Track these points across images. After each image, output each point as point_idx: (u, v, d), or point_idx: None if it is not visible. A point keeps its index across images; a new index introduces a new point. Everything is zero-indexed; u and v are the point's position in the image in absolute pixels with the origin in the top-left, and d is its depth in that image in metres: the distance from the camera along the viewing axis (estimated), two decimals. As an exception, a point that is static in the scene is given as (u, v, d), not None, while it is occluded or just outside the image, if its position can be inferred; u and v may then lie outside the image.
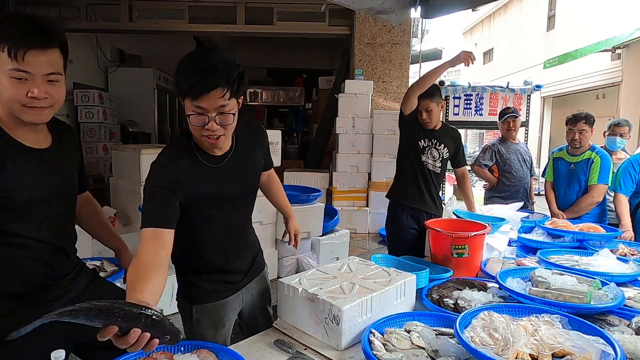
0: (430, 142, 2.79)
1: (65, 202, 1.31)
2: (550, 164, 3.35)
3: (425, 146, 2.79)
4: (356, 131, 5.30)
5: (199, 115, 1.23)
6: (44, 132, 1.29)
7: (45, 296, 1.27)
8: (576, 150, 3.13)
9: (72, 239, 1.38)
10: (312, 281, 1.46)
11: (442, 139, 2.81)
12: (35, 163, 1.22)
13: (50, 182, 1.25)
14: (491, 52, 18.02)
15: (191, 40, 8.68)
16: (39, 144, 1.24)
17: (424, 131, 2.79)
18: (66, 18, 5.92)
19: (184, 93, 1.21)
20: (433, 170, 2.81)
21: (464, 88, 6.10)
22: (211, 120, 1.23)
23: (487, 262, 1.95)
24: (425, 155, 2.79)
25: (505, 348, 1.05)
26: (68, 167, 1.34)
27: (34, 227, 1.21)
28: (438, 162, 2.81)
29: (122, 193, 3.66)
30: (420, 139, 2.79)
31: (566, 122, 3.17)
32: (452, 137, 2.87)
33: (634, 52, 9.05)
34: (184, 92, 1.21)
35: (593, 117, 3.08)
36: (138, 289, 1.05)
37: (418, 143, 2.78)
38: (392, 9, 3.13)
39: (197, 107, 1.21)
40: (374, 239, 5.13)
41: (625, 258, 1.95)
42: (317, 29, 6.12)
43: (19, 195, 1.16)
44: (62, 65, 1.19)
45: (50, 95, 1.16)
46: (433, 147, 2.79)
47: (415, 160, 2.80)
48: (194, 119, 1.23)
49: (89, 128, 6.37)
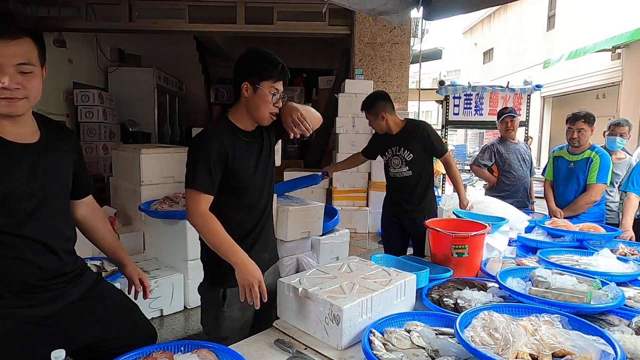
0: (390, 151, 2.82)
1: (53, 200, 1.26)
2: (551, 162, 3.35)
3: (389, 158, 2.84)
4: (356, 131, 5.30)
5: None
6: (30, 128, 1.25)
7: (34, 298, 1.22)
8: (576, 149, 3.12)
9: (66, 238, 1.33)
10: (312, 281, 1.46)
11: (401, 142, 2.77)
12: (18, 157, 1.19)
13: (34, 178, 1.21)
14: (491, 52, 18.01)
15: (191, 40, 8.68)
16: (22, 139, 1.21)
17: (382, 146, 2.88)
18: (66, 18, 5.92)
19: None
20: (402, 177, 2.81)
21: (464, 88, 6.10)
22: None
23: (487, 262, 1.95)
24: (391, 167, 2.83)
25: (505, 348, 1.05)
26: (59, 165, 1.30)
27: (14, 222, 1.17)
28: (404, 167, 2.78)
29: (122, 193, 3.66)
30: (383, 155, 2.89)
31: (566, 121, 3.17)
32: (415, 135, 2.75)
33: (634, 52, 9.05)
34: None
35: (593, 116, 3.08)
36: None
37: (384, 159, 2.90)
38: (393, 10, 3.12)
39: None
40: (374, 238, 5.12)
41: (625, 258, 1.95)
42: (317, 29, 6.11)
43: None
44: (36, 56, 1.17)
45: (23, 86, 1.14)
46: (394, 155, 2.80)
47: (387, 174, 2.93)
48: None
49: (88, 128, 6.37)
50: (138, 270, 1.62)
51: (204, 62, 9.50)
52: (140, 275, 1.60)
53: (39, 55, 1.19)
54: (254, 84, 1.55)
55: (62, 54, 6.08)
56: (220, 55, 9.52)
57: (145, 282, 1.61)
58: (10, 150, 1.18)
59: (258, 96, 1.55)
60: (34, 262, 1.22)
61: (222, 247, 1.49)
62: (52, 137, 1.30)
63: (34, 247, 1.22)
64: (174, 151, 3.47)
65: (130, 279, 1.59)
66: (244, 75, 1.57)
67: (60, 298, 1.28)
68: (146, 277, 1.63)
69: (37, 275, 1.23)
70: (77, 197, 1.47)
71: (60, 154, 1.31)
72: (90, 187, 1.54)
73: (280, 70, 1.57)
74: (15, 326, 1.19)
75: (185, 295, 3.04)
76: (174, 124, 8.78)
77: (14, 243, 1.18)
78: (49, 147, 1.27)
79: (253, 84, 1.55)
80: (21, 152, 1.20)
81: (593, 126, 3.07)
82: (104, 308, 1.40)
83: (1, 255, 1.17)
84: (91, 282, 1.41)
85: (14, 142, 1.19)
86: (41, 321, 1.23)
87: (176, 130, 8.82)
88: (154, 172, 3.28)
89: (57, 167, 1.30)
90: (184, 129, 8.91)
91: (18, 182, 1.18)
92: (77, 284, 1.35)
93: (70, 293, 1.31)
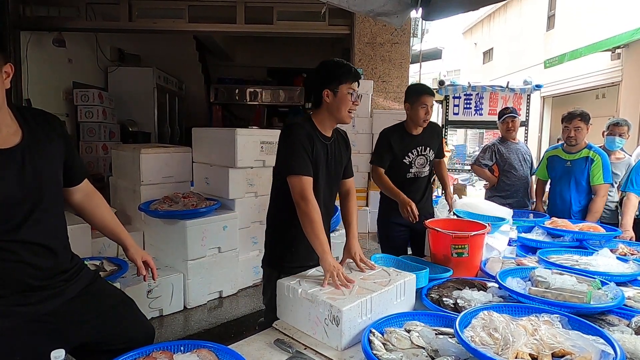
0: (415, 151, 2.72)
1: (46, 200, 1.24)
2: (544, 162, 3.35)
3: (413, 158, 2.72)
4: (356, 131, 5.29)
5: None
6: (11, 128, 1.21)
7: (33, 296, 1.22)
8: (572, 148, 3.13)
9: (61, 236, 1.33)
10: (312, 281, 1.46)
11: (426, 142, 2.73)
12: (3, 165, 1.15)
13: (24, 182, 1.18)
14: (491, 52, 18.00)
15: (191, 39, 8.67)
16: (4, 143, 1.17)
17: (403, 147, 2.70)
18: (66, 18, 5.91)
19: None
20: (422, 177, 2.79)
21: (463, 88, 6.10)
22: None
23: (487, 262, 1.95)
24: (414, 167, 2.73)
25: (505, 348, 1.05)
26: (47, 163, 1.26)
27: (10, 228, 1.16)
28: (427, 167, 2.78)
29: (122, 193, 3.66)
30: (405, 156, 2.71)
31: (562, 120, 3.19)
32: (434, 135, 2.80)
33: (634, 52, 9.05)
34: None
35: (588, 114, 3.09)
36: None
37: (405, 160, 2.72)
38: (392, 11, 3.12)
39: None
40: (374, 238, 5.12)
41: (625, 258, 1.96)
42: (317, 29, 6.11)
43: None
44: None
45: None
46: (419, 155, 2.73)
47: (402, 175, 2.74)
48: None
49: (88, 127, 6.36)
50: (141, 252, 1.57)
51: (204, 62, 9.49)
52: (144, 257, 1.55)
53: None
54: (333, 89, 1.77)
55: (62, 54, 6.08)
56: (220, 55, 9.51)
57: (150, 263, 1.56)
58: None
59: (339, 98, 1.78)
60: (32, 263, 1.22)
61: (314, 237, 1.63)
62: (34, 133, 1.25)
63: (32, 249, 1.21)
64: (174, 151, 3.47)
65: (133, 262, 1.54)
66: (323, 83, 1.79)
67: (59, 295, 1.28)
68: (151, 259, 1.57)
69: (36, 276, 1.23)
70: (71, 185, 1.43)
71: (46, 149, 1.27)
72: (84, 172, 1.49)
73: (354, 73, 1.80)
74: (15, 323, 1.19)
75: (185, 295, 3.04)
76: (174, 124, 8.77)
77: (11, 247, 1.18)
78: (34, 146, 1.23)
79: (333, 89, 1.77)
80: (5, 158, 1.16)
81: (589, 124, 3.08)
82: (102, 305, 1.40)
83: (0, 259, 1.17)
84: (89, 279, 1.40)
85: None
86: (41, 318, 1.24)
87: (176, 130, 8.81)
88: (154, 172, 3.28)
89: (46, 166, 1.26)
90: (183, 128, 8.90)
91: (8, 190, 1.15)
92: (76, 281, 1.35)
93: (69, 290, 1.32)
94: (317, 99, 1.82)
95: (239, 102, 9.41)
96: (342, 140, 1.99)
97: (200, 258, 3.06)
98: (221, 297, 3.26)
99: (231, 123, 9.34)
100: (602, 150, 3.12)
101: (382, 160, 2.73)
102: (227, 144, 3.20)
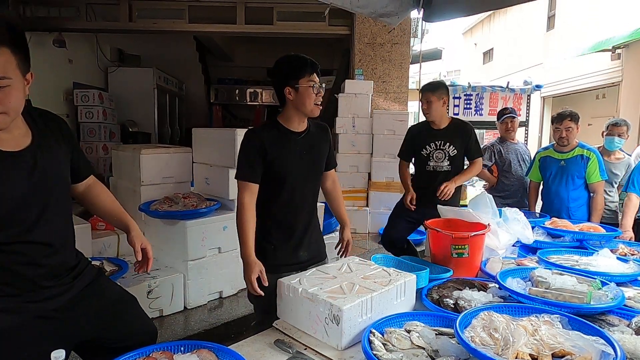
0: (434, 145, 2.91)
1: (56, 200, 1.25)
2: (536, 164, 3.36)
3: (430, 151, 2.93)
4: (356, 131, 5.29)
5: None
6: (21, 130, 1.21)
7: (44, 293, 1.24)
8: (564, 148, 3.15)
9: (69, 234, 1.35)
10: (312, 281, 1.46)
11: (447, 137, 2.91)
12: (15, 167, 1.16)
13: (35, 185, 1.18)
14: (491, 52, 18.00)
15: (191, 40, 8.67)
16: (16, 145, 1.18)
17: (423, 140, 2.95)
18: (66, 18, 5.92)
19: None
20: (441, 171, 2.92)
21: (463, 88, 6.10)
22: None
23: (487, 262, 1.95)
24: (432, 159, 2.93)
25: (505, 348, 1.05)
26: (56, 163, 1.27)
27: (23, 230, 1.17)
28: (446, 162, 2.91)
29: (122, 193, 3.66)
30: (423, 149, 2.95)
31: (552, 121, 3.23)
32: (460, 134, 2.94)
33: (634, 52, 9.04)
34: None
35: (577, 114, 3.14)
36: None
37: (423, 152, 2.96)
38: (394, 12, 3.14)
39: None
40: (374, 239, 5.12)
41: (625, 258, 1.96)
42: (317, 29, 6.11)
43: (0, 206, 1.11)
44: (14, 67, 1.08)
45: (0, 102, 1.06)
46: (437, 149, 2.91)
47: (422, 168, 2.99)
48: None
49: (88, 128, 6.36)
50: (142, 238, 1.51)
51: (203, 62, 9.50)
52: (144, 244, 1.49)
53: (18, 65, 1.10)
54: (294, 86, 1.76)
55: (62, 54, 6.08)
56: (220, 55, 9.52)
57: (148, 252, 1.50)
58: (5, 160, 1.14)
59: (301, 94, 1.76)
60: (45, 264, 1.23)
61: (241, 237, 1.74)
62: (43, 134, 1.26)
63: (43, 249, 1.23)
64: (174, 151, 3.47)
65: (132, 246, 1.49)
66: (282, 81, 1.78)
67: (68, 292, 1.30)
68: (150, 247, 1.51)
69: (47, 275, 1.25)
70: (77, 181, 1.45)
71: (54, 150, 1.28)
72: (90, 169, 1.50)
73: (310, 64, 1.77)
74: (24, 320, 1.19)
75: (185, 295, 3.04)
76: (174, 124, 8.77)
77: (24, 249, 1.19)
78: (43, 148, 1.24)
79: (293, 85, 1.76)
80: (17, 160, 1.17)
81: (578, 124, 3.12)
82: (105, 302, 1.40)
83: (14, 261, 1.18)
84: (92, 276, 1.41)
85: (7, 151, 1.15)
86: (48, 314, 1.24)
87: (176, 130, 8.81)
88: (154, 172, 3.28)
89: (54, 166, 1.27)
90: (183, 129, 8.90)
91: (21, 193, 1.16)
92: (82, 277, 1.36)
93: (76, 286, 1.33)
94: (281, 98, 1.82)
95: (239, 103, 9.43)
96: (322, 132, 1.99)
97: (200, 258, 3.07)
98: (221, 297, 3.26)
99: (231, 123, 9.35)
100: (594, 148, 3.18)
101: (403, 152, 3.13)
102: (227, 144, 3.20)
